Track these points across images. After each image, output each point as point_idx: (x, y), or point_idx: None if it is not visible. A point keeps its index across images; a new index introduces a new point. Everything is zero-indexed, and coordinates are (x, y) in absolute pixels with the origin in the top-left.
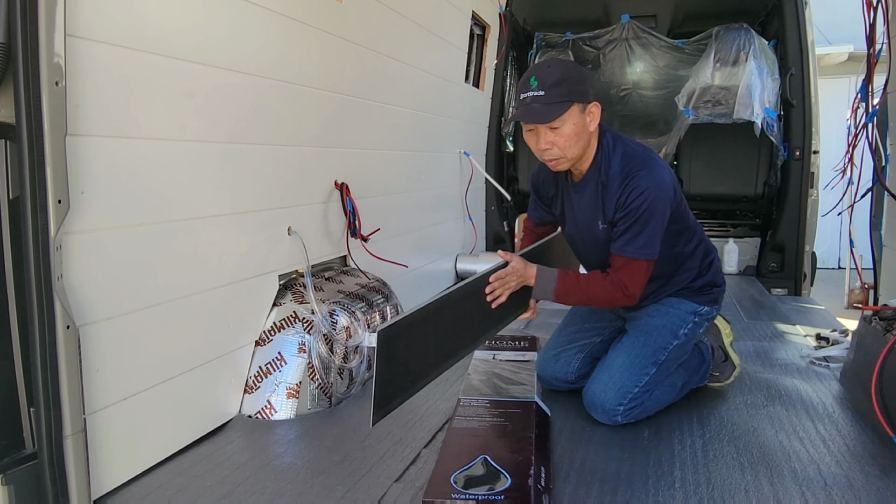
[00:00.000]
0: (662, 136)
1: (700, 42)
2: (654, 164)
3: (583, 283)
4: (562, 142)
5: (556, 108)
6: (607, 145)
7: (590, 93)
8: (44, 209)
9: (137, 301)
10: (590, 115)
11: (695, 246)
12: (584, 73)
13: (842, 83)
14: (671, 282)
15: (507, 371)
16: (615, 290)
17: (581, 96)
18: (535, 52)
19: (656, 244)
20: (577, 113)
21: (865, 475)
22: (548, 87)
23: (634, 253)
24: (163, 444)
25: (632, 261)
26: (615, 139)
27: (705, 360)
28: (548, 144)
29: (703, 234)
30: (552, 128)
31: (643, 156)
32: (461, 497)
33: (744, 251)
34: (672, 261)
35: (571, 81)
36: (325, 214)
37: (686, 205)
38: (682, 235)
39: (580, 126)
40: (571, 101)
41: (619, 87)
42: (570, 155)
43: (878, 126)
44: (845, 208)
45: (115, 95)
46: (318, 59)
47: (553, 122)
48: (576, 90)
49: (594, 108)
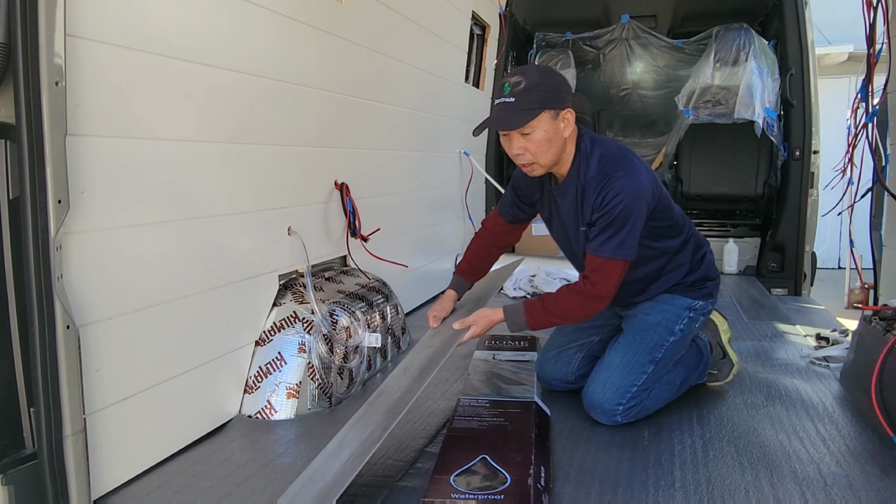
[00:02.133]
0: (662, 136)
1: (700, 42)
2: (631, 165)
3: (550, 304)
4: (533, 147)
5: (526, 115)
6: (585, 148)
7: (564, 100)
8: (44, 209)
9: (137, 301)
10: (563, 121)
11: (683, 241)
12: (558, 81)
13: (842, 83)
14: (663, 278)
15: (507, 371)
16: (584, 297)
17: (553, 103)
18: (535, 52)
19: (633, 245)
20: (548, 119)
21: (865, 475)
22: (519, 93)
23: (609, 253)
24: (163, 444)
25: (607, 261)
26: (593, 142)
27: (704, 356)
28: (520, 150)
29: (693, 228)
30: (523, 133)
31: (620, 158)
32: (461, 497)
33: (744, 251)
34: (661, 257)
35: (544, 88)
36: (325, 214)
37: (671, 201)
38: (669, 231)
39: (551, 132)
40: (542, 107)
41: (619, 87)
42: (542, 161)
43: (878, 126)
44: (845, 208)
45: (115, 95)
46: (318, 59)
47: (523, 129)
48: (547, 97)
49: (568, 114)
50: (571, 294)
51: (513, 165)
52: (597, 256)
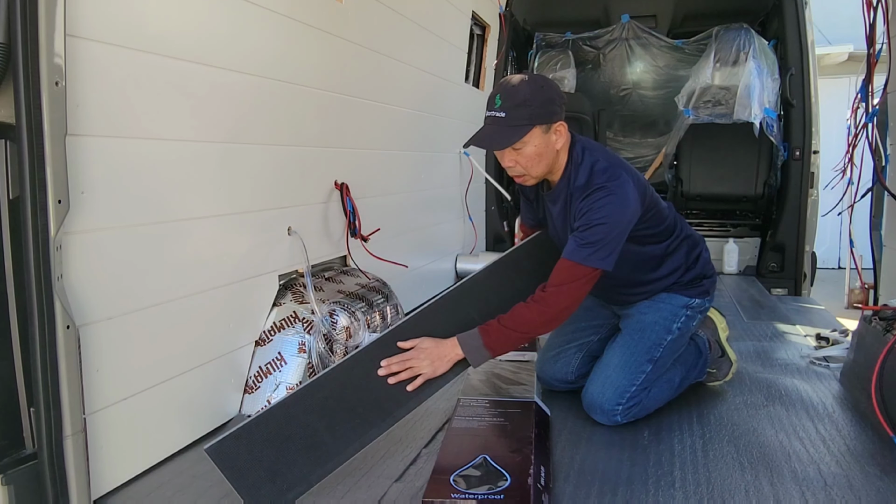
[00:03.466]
0: (662, 136)
1: (700, 42)
2: (618, 178)
3: (508, 321)
4: (524, 161)
5: (516, 132)
6: (577, 157)
7: (556, 113)
8: (44, 209)
9: (137, 301)
10: (556, 133)
11: (677, 242)
12: (550, 93)
13: (842, 83)
14: (659, 279)
15: (507, 371)
16: (545, 306)
17: (544, 118)
18: (535, 52)
19: (607, 256)
20: (539, 134)
21: (865, 475)
22: (510, 107)
23: (580, 258)
24: (163, 444)
25: (575, 265)
26: (584, 151)
27: (702, 354)
28: (511, 163)
29: (687, 228)
30: (514, 148)
31: (609, 169)
32: (461, 497)
33: (744, 251)
34: (655, 259)
35: (536, 104)
36: (325, 214)
37: (661, 207)
38: (661, 235)
39: (542, 147)
40: (532, 123)
41: (619, 87)
42: (533, 173)
43: (878, 126)
44: (845, 208)
45: (115, 95)
46: (318, 59)
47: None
48: (538, 112)
49: (560, 126)
50: (529, 305)
51: None
52: (566, 259)
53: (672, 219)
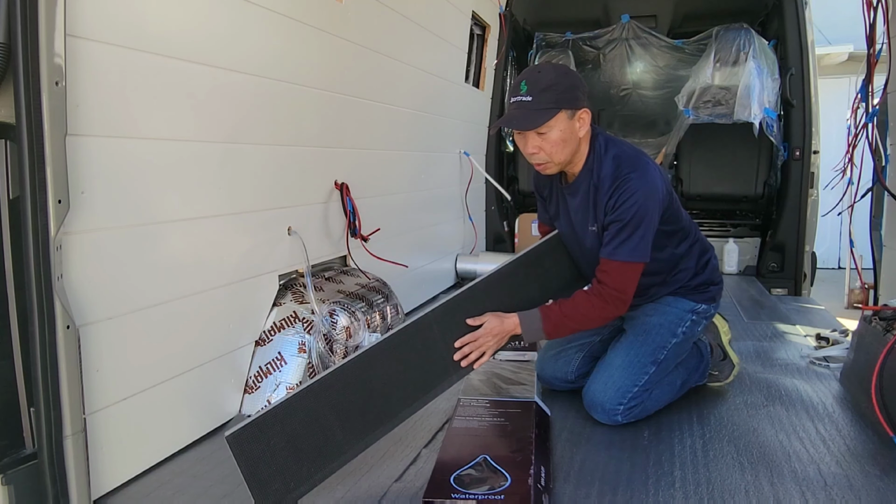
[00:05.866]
0: (662, 136)
1: (700, 42)
2: (645, 167)
3: (568, 309)
4: (548, 147)
5: (543, 115)
6: (599, 148)
7: (580, 99)
8: (44, 209)
9: (137, 301)
10: (579, 120)
11: (689, 246)
12: (575, 80)
13: (842, 83)
14: (667, 282)
15: (507, 371)
16: (605, 301)
17: (570, 103)
18: (535, 52)
19: (647, 247)
20: (564, 119)
21: (865, 475)
22: (537, 92)
23: (625, 256)
24: (163, 444)
25: (623, 264)
26: (607, 142)
27: (704, 358)
28: (535, 149)
29: (699, 233)
30: (539, 133)
31: (634, 159)
32: (461, 497)
33: (744, 251)
34: (667, 261)
35: (561, 88)
36: (325, 214)
37: (679, 205)
38: (676, 236)
39: (567, 132)
40: (559, 107)
41: (619, 87)
42: (557, 160)
43: (878, 126)
44: (845, 208)
45: (114, 95)
46: (318, 59)
47: (539, 128)
48: (564, 97)
49: (584, 114)
50: (590, 297)
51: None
52: (612, 261)
53: (687, 221)
